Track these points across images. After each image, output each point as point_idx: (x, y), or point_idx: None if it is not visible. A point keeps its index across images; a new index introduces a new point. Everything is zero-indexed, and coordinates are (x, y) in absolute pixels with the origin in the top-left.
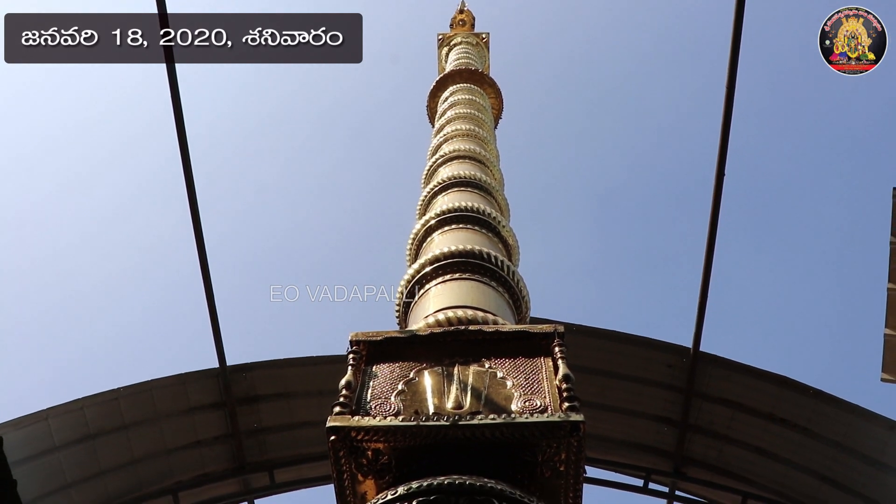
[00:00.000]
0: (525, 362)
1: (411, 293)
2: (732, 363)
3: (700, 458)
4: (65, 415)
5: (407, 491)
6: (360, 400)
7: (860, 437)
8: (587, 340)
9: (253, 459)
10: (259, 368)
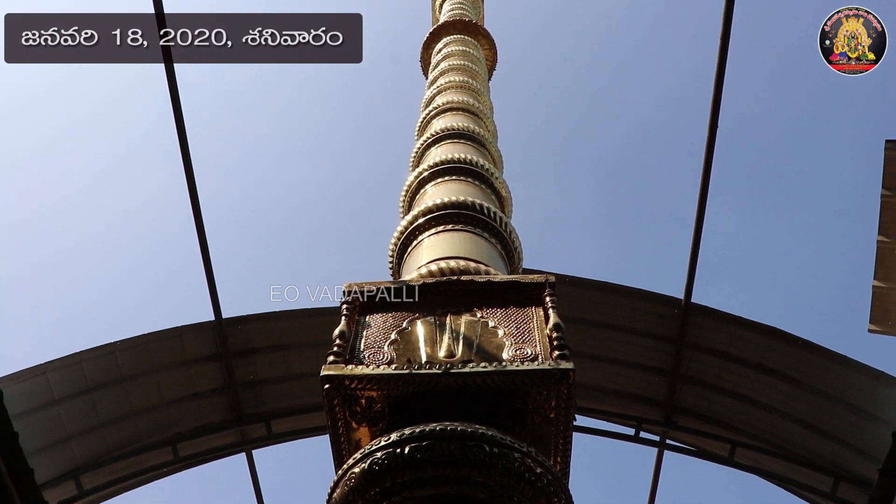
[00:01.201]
0: (516, 312)
1: (404, 244)
2: (723, 314)
3: (690, 407)
4: (63, 369)
5: (400, 437)
6: (353, 349)
7: (847, 387)
8: (579, 292)
9: (250, 411)
10: (255, 321)
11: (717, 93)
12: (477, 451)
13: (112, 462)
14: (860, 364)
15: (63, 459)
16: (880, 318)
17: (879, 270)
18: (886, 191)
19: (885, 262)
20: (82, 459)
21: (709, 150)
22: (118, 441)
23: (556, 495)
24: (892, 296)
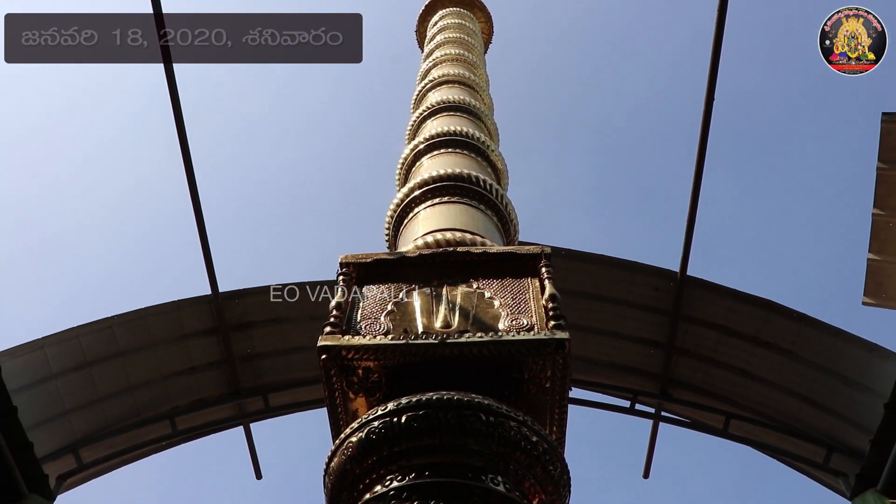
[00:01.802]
0: (512, 283)
1: (400, 217)
2: (718, 287)
3: (686, 379)
4: (60, 343)
5: (396, 406)
6: (350, 320)
7: (841, 360)
8: (575, 264)
9: (247, 384)
10: (251, 295)
11: (713, 68)
12: (473, 420)
13: (111, 436)
14: (854, 337)
15: (62, 433)
16: (874, 291)
17: (874, 243)
18: (882, 164)
19: (880, 235)
20: (81, 433)
21: (705, 124)
22: (116, 415)
23: (552, 463)
24: (887, 269)
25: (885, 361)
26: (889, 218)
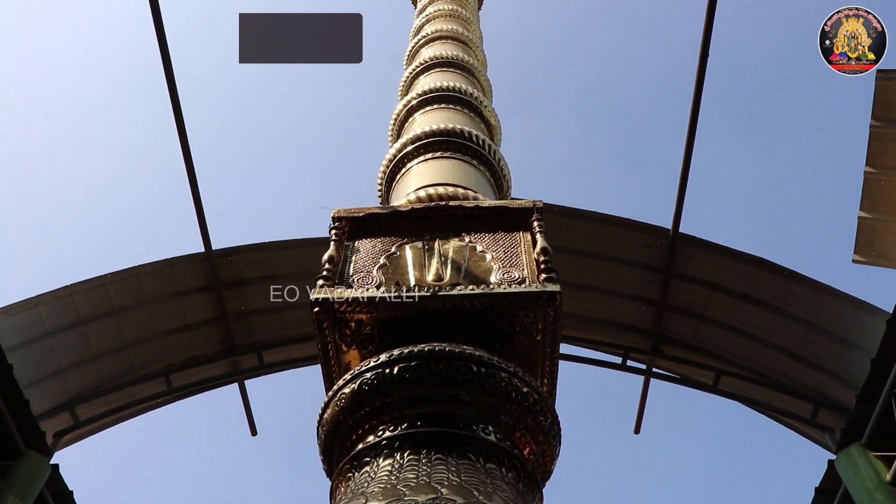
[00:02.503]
0: (504, 236)
1: (393, 172)
2: (710, 244)
3: (677, 336)
4: (54, 301)
5: (389, 358)
6: (342, 273)
7: (830, 317)
8: (568, 221)
9: (241, 341)
10: (244, 252)
11: (707, 25)
12: (465, 371)
13: (106, 393)
14: (843, 294)
15: (58, 391)
16: (864, 249)
17: (865, 201)
18: (875, 121)
19: (872, 192)
20: (77, 391)
21: (699, 81)
22: (112, 373)
23: (543, 414)
24: (877, 226)
25: (873, 318)
26: (881, 176)
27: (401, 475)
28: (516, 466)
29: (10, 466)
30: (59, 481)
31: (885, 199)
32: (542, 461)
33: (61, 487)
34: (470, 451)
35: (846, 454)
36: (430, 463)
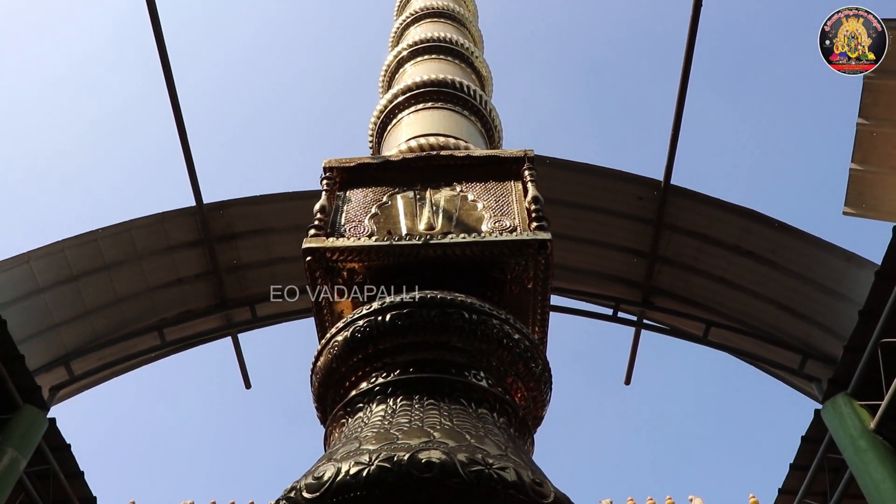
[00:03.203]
0: (495, 186)
1: (384, 123)
2: (702, 196)
3: (667, 288)
4: (46, 257)
5: (381, 305)
6: (334, 223)
7: (820, 268)
8: (559, 173)
9: (234, 295)
10: (235, 205)
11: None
12: (456, 318)
13: (100, 348)
14: (833, 246)
15: (53, 346)
16: (855, 201)
17: (857, 153)
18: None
19: (864, 144)
20: (71, 346)
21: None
22: (105, 327)
23: (534, 361)
24: (868, 179)
25: (862, 270)
26: (873, 128)
27: (394, 420)
28: (507, 412)
29: (8, 420)
30: (57, 435)
31: (876, 152)
32: (533, 407)
33: (59, 441)
34: (462, 397)
35: (832, 403)
36: (423, 408)
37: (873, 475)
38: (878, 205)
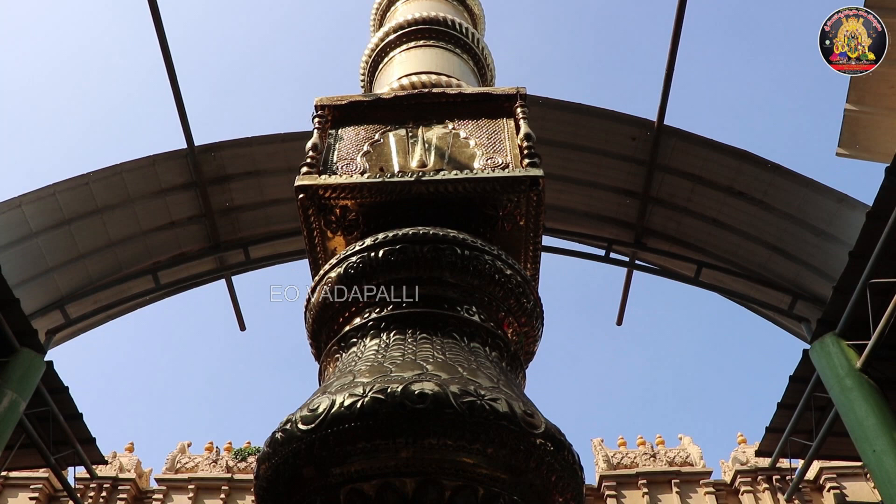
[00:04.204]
0: (488, 123)
1: (376, 62)
2: (695, 136)
3: (660, 229)
4: (37, 201)
5: (374, 242)
6: (326, 161)
7: (811, 209)
8: (553, 114)
9: (227, 238)
10: (227, 147)
11: None
12: (449, 254)
13: (95, 291)
14: (825, 187)
15: (47, 290)
16: (849, 142)
17: (852, 94)
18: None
19: (859, 85)
20: (66, 289)
21: None
22: (99, 271)
23: (526, 296)
24: (863, 119)
25: (854, 211)
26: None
27: (387, 353)
28: (500, 346)
29: (6, 363)
30: (55, 377)
31: (871, 92)
32: (525, 342)
33: (57, 383)
34: (454, 331)
35: (820, 343)
36: (416, 342)
37: (858, 412)
38: (871, 146)
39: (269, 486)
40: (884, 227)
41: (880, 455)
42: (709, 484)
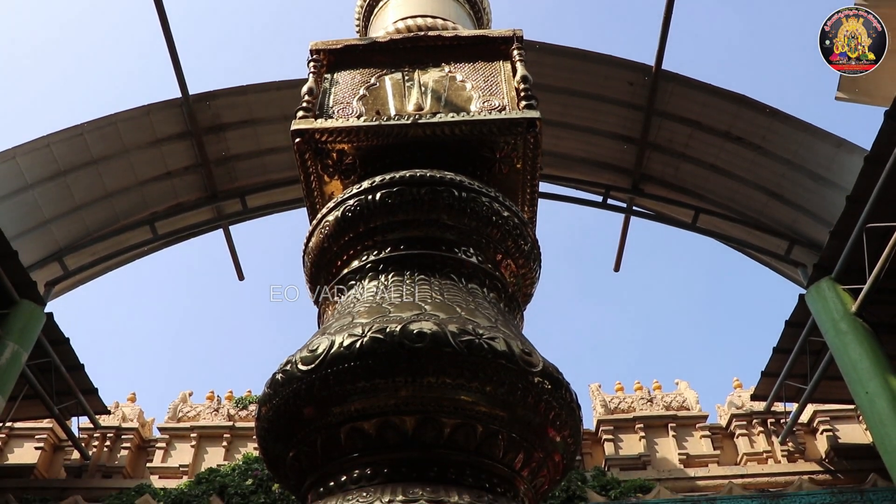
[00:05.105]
0: (484, 66)
1: (371, 6)
2: (693, 81)
3: (657, 175)
4: (32, 153)
5: (371, 184)
6: (322, 105)
7: (810, 154)
8: (550, 59)
9: (224, 187)
10: (222, 96)
11: None
12: (446, 196)
13: (93, 243)
14: (824, 132)
15: (45, 242)
16: (848, 86)
17: None
18: None
19: None
20: (64, 241)
21: None
22: (97, 223)
23: (523, 238)
24: None
25: (852, 156)
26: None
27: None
28: (497, 287)
29: (6, 315)
30: (55, 329)
31: None
32: (523, 284)
33: (58, 335)
34: (452, 272)
35: (816, 288)
36: (414, 283)
37: (852, 355)
38: (871, 90)
39: (270, 426)
40: (882, 171)
41: (872, 397)
42: (704, 428)
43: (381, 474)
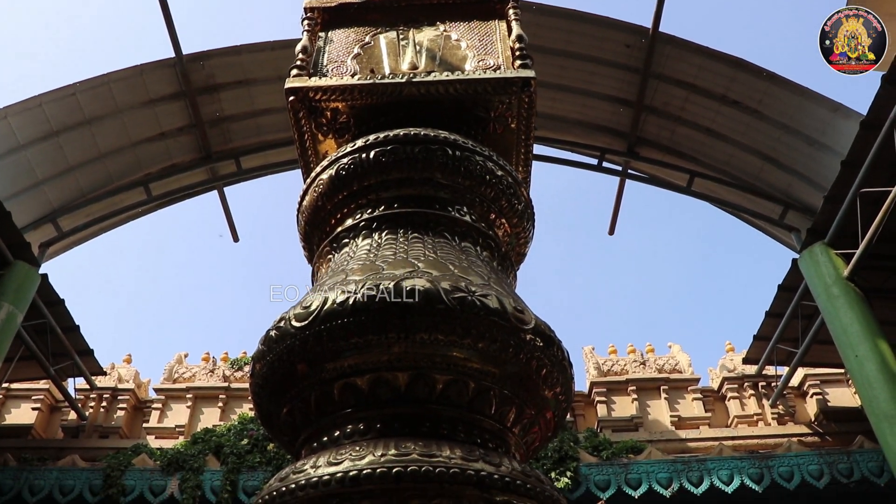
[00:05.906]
0: (479, 25)
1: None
2: (690, 44)
3: (653, 138)
4: (23, 112)
5: (365, 143)
6: (316, 64)
7: (805, 119)
8: (546, 20)
9: (218, 148)
10: (216, 56)
11: None
12: (440, 154)
13: (87, 204)
14: (821, 96)
15: (39, 204)
16: None
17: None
18: None
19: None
20: (57, 202)
21: None
22: (90, 184)
23: (517, 197)
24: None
25: (848, 121)
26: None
27: (379, 253)
28: (491, 246)
29: (1, 276)
30: (50, 290)
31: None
32: (517, 243)
33: (53, 296)
34: (446, 231)
35: (809, 252)
36: (408, 241)
37: (843, 319)
38: None
39: (264, 383)
40: (877, 136)
41: (862, 360)
42: (696, 390)
43: (374, 429)
